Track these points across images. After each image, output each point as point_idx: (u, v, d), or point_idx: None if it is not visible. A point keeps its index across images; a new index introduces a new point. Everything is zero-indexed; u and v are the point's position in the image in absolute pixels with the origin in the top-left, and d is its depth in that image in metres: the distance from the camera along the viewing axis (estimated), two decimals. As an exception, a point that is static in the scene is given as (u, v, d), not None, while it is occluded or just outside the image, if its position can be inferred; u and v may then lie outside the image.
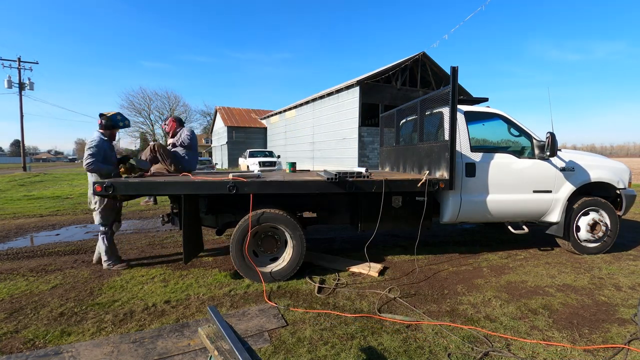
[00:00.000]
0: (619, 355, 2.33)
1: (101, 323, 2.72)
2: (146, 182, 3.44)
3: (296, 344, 2.41)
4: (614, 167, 4.56)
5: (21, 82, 25.12)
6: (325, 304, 3.05)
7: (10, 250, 4.81)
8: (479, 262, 4.27)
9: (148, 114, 43.03)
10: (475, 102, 5.07)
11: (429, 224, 3.99)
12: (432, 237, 5.50)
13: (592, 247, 4.46)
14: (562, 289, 3.41)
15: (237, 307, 2.99)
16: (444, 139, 4.00)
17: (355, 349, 2.36)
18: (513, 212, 4.25)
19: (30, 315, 2.85)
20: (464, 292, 3.35)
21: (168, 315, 2.85)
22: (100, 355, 2.28)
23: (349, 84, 17.85)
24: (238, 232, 3.45)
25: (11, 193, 11.87)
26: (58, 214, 7.69)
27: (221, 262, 4.23)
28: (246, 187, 3.39)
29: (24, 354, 2.31)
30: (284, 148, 26.94)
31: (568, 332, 2.62)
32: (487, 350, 2.34)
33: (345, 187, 3.59)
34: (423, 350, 2.36)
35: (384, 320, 2.76)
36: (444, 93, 3.91)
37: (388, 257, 4.43)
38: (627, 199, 4.55)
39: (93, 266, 4.08)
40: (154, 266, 4.08)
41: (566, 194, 4.27)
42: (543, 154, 4.14)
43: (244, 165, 20.75)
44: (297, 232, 3.55)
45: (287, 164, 5.09)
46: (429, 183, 3.74)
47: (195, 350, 2.33)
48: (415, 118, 4.78)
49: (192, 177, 3.86)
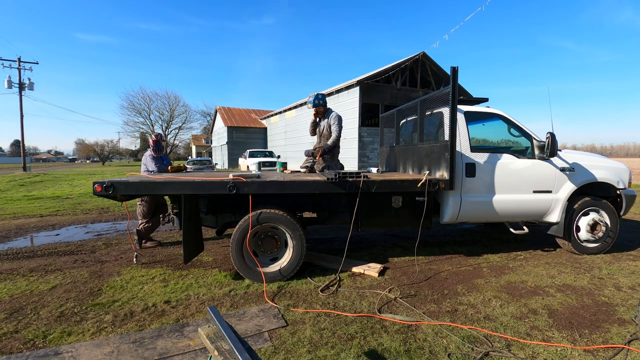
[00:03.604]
0: (619, 355, 2.33)
1: (101, 323, 2.72)
2: (146, 182, 3.43)
3: (296, 344, 2.41)
4: (614, 167, 4.56)
5: (21, 82, 25.12)
6: (325, 304, 3.05)
7: (10, 250, 4.81)
8: (479, 262, 4.27)
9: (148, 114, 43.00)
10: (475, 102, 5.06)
11: (429, 224, 3.98)
12: (432, 237, 5.50)
13: (592, 247, 4.46)
14: (562, 289, 3.41)
15: (237, 307, 2.99)
16: (444, 139, 4.00)
17: (355, 349, 2.36)
18: (513, 212, 4.25)
19: (30, 315, 2.85)
20: (464, 292, 3.35)
21: (168, 315, 2.85)
22: (100, 355, 2.28)
23: (349, 84, 17.84)
24: (238, 232, 3.45)
25: (11, 193, 11.87)
26: (58, 214, 7.69)
27: (221, 262, 4.23)
28: (246, 187, 3.39)
29: (24, 354, 2.31)
30: (284, 148, 26.91)
31: (568, 332, 2.62)
32: (487, 350, 2.34)
33: (345, 187, 3.59)
34: (423, 350, 2.36)
35: (384, 321, 2.76)
36: (444, 93, 3.91)
37: (388, 257, 4.43)
38: (627, 199, 4.55)
39: (93, 266, 4.08)
40: (154, 266, 4.08)
41: (566, 194, 4.27)
42: (543, 154, 4.14)
43: (244, 166, 20.75)
44: (297, 232, 3.55)
45: (278, 164, 5.13)
46: (429, 183, 3.74)
47: (195, 350, 2.33)
48: (415, 118, 4.77)
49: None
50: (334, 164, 5.08)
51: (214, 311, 1.50)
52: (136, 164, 55.74)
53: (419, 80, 18.98)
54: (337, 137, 4.97)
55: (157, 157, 5.02)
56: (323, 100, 5.01)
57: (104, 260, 4.34)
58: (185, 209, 3.40)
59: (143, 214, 4.84)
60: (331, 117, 5.00)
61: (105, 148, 55.03)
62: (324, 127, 5.09)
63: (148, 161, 4.93)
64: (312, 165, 5.05)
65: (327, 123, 5.05)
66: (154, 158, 4.97)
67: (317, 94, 4.97)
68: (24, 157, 27.17)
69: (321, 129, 5.13)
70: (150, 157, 4.95)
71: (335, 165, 5.09)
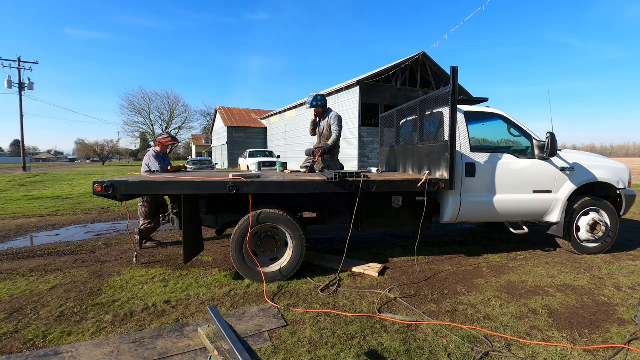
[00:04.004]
0: (619, 355, 2.33)
1: (101, 323, 2.72)
2: (146, 182, 3.43)
3: (296, 344, 2.41)
4: (614, 167, 4.56)
5: (21, 82, 25.12)
6: (325, 304, 3.05)
7: (10, 250, 4.81)
8: (479, 262, 4.27)
9: (148, 114, 43.03)
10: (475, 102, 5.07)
11: (429, 224, 3.98)
12: (432, 237, 5.50)
13: (592, 247, 4.46)
14: (562, 289, 3.41)
15: (237, 307, 2.99)
16: (444, 139, 4.00)
17: (355, 349, 2.36)
18: (513, 212, 4.25)
19: (30, 315, 2.85)
20: (464, 292, 3.35)
21: (168, 315, 2.85)
22: (100, 355, 2.28)
23: (349, 84, 17.83)
24: (238, 232, 3.45)
25: (11, 193, 11.87)
26: (58, 214, 7.69)
27: (221, 262, 4.23)
28: (246, 187, 3.39)
29: (24, 354, 2.31)
30: (284, 148, 26.91)
31: (568, 332, 2.62)
32: (487, 350, 2.34)
33: (345, 187, 3.59)
34: (423, 350, 2.36)
35: (384, 320, 2.76)
36: (444, 93, 3.91)
37: (388, 257, 4.43)
38: (627, 199, 4.55)
39: (93, 266, 4.08)
40: (154, 266, 4.08)
41: (566, 194, 4.27)
42: (543, 154, 4.14)
43: (244, 165, 20.75)
44: (297, 232, 3.55)
45: (278, 164, 5.14)
46: (429, 183, 3.74)
47: (195, 350, 2.33)
48: (415, 118, 4.77)
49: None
50: (334, 164, 5.08)
51: (214, 311, 1.50)
52: (136, 164, 55.75)
53: (419, 80, 18.98)
54: (337, 137, 4.97)
55: (160, 156, 5.03)
56: (322, 101, 5.01)
57: (104, 260, 4.34)
58: (185, 209, 3.40)
59: (145, 215, 4.84)
60: (331, 117, 5.01)
61: (105, 148, 55.04)
62: (324, 127, 5.09)
63: (151, 160, 4.93)
64: (312, 165, 5.05)
65: (327, 123, 5.05)
66: (157, 157, 4.98)
67: (316, 95, 4.98)
68: (24, 157, 27.18)
69: (321, 129, 5.13)
70: (153, 156, 4.96)
71: (335, 165, 5.10)
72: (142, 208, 4.85)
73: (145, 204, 4.83)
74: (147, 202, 4.83)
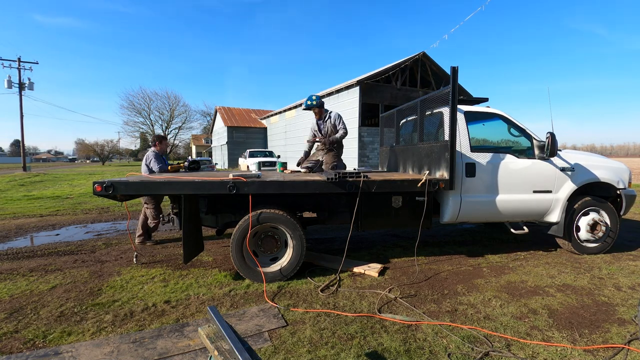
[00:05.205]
0: (619, 355, 2.33)
1: (101, 323, 2.72)
2: (146, 182, 3.43)
3: (296, 344, 2.41)
4: (614, 167, 4.56)
5: (21, 82, 25.12)
6: (325, 304, 3.05)
7: (10, 250, 4.81)
8: (479, 262, 4.27)
9: (148, 114, 43.03)
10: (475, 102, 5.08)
11: (429, 224, 3.98)
12: (432, 237, 5.50)
13: (592, 247, 4.46)
14: (562, 289, 3.41)
15: (237, 307, 2.99)
16: (444, 139, 4.00)
17: (355, 348, 2.36)
18: (513, 212, 4.25)
19: (30, 315, 2.85)
20: (464, 292, 3.35)
21: (168, 315, 2.85)
22: (100, 355, 2.28)
23: (349, 84, 17.83)
24: (238, 232, 3.45)
25: (11, 193, 11.87)
26: (58, 214, 7.69)
27: (221, 262, 4.23)
28: (246, 187, 3.39)
29: (24, 354, 2.31)
30: (284, 148, 26.91)
31: (568, 332, 2.62)
32: (487, 350, 2.34)
33: (345, 187, 3.59)
34: (423, 350, 2.36)
35: (384, 320, 2.76)
36: (444, 93, 3.91)
37: (388, 257, 4.43)
38: (627, 199, 4.55)
39: (93, 266, 4.08)
40: (154, 266, 4.08)
41: (566, 194, 4.27)
42: (543, 154, 4.15)
43: (244, 165, 20.74)
44: (297, 232, 3.55)
45: (278, 164, 5.18)
46: (429, 183, 3.74)
47: (195, 350, 2.33)
48: (415, 118, 4.77)
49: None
50: (341, 164, 5.16)
51: (214, 311, 1.50)
52: (136, 164, 55.73)
53: (419, 80, 18.98)
54: (344, 132, 5.12)
55: (160, 156, 5.05)
56: (317, 100, 5.08)
57: (104, 260, 4.34)
58: (185, 209, 3.40)
59: (153, 215, 4.88)
60: (334, 118, 5.15)
61: (105, 148, 55.03)
62: (328, 127, 5.17)
63: (152, 159, 4.94)
64: (312, 166, 5.06)
65: (331, 124, 5.16)
66: (157, 157, 4.99)
67: (311, 95, 5.09)
68: (24, 157, 27.16)
69: (326, 130, 5.19)
70: (153, 156, 4.96)
71: (341, 165, 5.17)
72: (148, 210, 4.88)
73: (151, 205, 4.86)
74: (150, 202, 4.85)
